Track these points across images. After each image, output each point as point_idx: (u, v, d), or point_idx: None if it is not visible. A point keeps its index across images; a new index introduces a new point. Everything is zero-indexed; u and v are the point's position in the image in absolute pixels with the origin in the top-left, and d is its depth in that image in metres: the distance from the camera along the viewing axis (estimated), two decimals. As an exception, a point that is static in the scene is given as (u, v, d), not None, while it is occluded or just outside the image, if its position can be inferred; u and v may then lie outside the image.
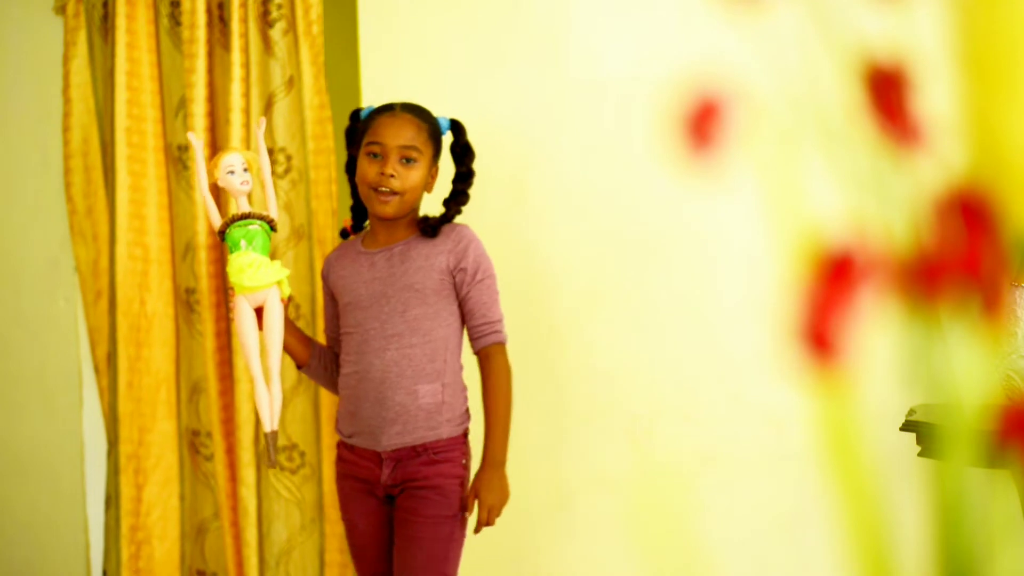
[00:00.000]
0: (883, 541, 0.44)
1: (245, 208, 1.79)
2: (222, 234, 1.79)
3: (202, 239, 2.55)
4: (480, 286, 1.87)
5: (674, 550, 1.88)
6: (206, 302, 2.56)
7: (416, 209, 1.93)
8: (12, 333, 2.92)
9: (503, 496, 1.85)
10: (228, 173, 1.78)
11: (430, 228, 1.89)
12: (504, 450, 1.87)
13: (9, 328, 2.93)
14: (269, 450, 1.78)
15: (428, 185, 1.93)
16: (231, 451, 2.58)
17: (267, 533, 2.54)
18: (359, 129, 1.94)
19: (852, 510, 0.43)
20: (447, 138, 1.99)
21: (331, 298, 1.99)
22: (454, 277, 1.87)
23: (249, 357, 1.77)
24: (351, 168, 1.97)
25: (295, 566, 2.55)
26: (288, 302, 1.82)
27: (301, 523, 2.55)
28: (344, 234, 2.03)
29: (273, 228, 1.81)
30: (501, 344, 1.89)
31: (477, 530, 1.86)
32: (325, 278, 2.00)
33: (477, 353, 1.90)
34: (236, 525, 2.58)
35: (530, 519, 2.34)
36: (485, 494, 1.84)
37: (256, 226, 1.78)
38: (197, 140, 1.83)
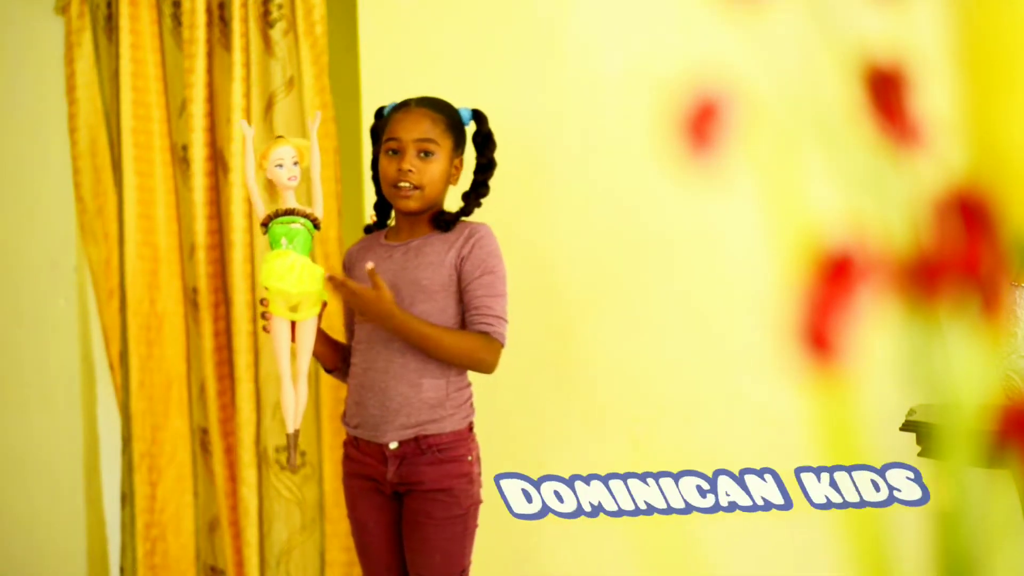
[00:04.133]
0: (883, 541, 0.44)
1: (291, 203, 1.75)
2: (265, 227, 1.76)
3: (201, 239, 2.55)
4: (480, 281, 1.85)
5: (674, 550, 1.88)
6: (204, 302, 2.56)
7: (440, 203, 1.93)
8: (12, 333, 2.92)
9: (368, 307, 1.75)
10: (276, 166, 1.74)
11: (444, 223, 1.89)
12: (397, 324, 1.77)
13: (9, 328, 2.93)
14: (290, 452, 1.78)
15: (453, 177, 1.92)
16: (230, 451, 2.59)
17: (268, 533, 2.54)
18: (379, 128, 1.94)
19: (852, 510, 0.43)
20: (471, 128, 1.98)
21: None
22: (459, 272, 1.86)
23: (280, 360, 1.76)
24: (376, 166, 1.97)
25: (295, 566, 2.55)
26: (323, 308, 1.79)
27: (302, 523, 2.55)
28: (368, 230, 2.03)
29: (317, 227, 1.77)
30: (489, 336, 1.83)
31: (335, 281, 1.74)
32: (346, 270, 2.00)
33: None
34: (236, 525, 2.58)
35: (529, 520, 2.34)
36: (367, 299, 1.74)
37: (299, 224, 1.73)
38: (248, 128, 1.78)
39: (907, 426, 1.66)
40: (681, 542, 1.85)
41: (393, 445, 1.85)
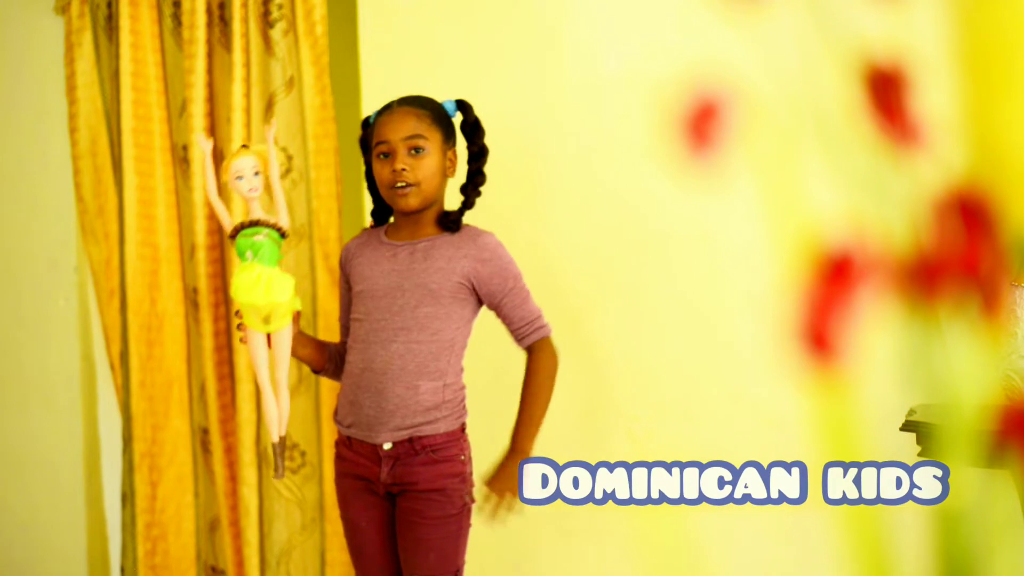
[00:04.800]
0: (883, 541, 0.44)
1: (256, 214, 1.74)
2: (233, 238, 1.76)
3: (201, 239, 2.55)
4: (513, 292, 1.90)
5: (674, 549, 1.88)
6: (204, 302, 2.56)
7: (441, 200, 1.93)
8: (12, 333, 2.93)
9: (516, 486, 1.85)
10: (236, 179, 1.74)
11: (452, 223, 1.90)
12: (532, 442, 1.89)
13: (9, 328, 2.93)
14: (277, 460, 1.78)
15: (448, 170, 1.93)
16: (230, 451, 2.59)
17: (268, 532, 2.54)
18: (368, 136, 1.95)
19: (852, 510, 0.43)
20: (458, 119, 1.98)
21: (347, 286, 1.99)
22: (478, 289, 1.88)
23: (258, 371, 1.76)
24: (370, 175, 1.97)
25: (296, 566, 2.55)
26: (298, 316, 1.80)
27: (302, 523, 2.55)
28: None
29: (283, 235, 1.76)
30: (545, 339, 1.93)
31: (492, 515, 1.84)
32: (343, 265, 2.00)
33: (526, 350, 1.93)
34: (236, 524, 2.59)
35: (530, 519, 2.34)
36: (501, 485, 1.84)
37: (263, 236, 1.73)
38: (206, 142, 1.78)
39: (907, 426, 1.66)
40: (679, 542, 1.85)
41: (387, 446, 1.86)
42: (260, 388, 1.77)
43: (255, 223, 1.74)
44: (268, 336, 1.76)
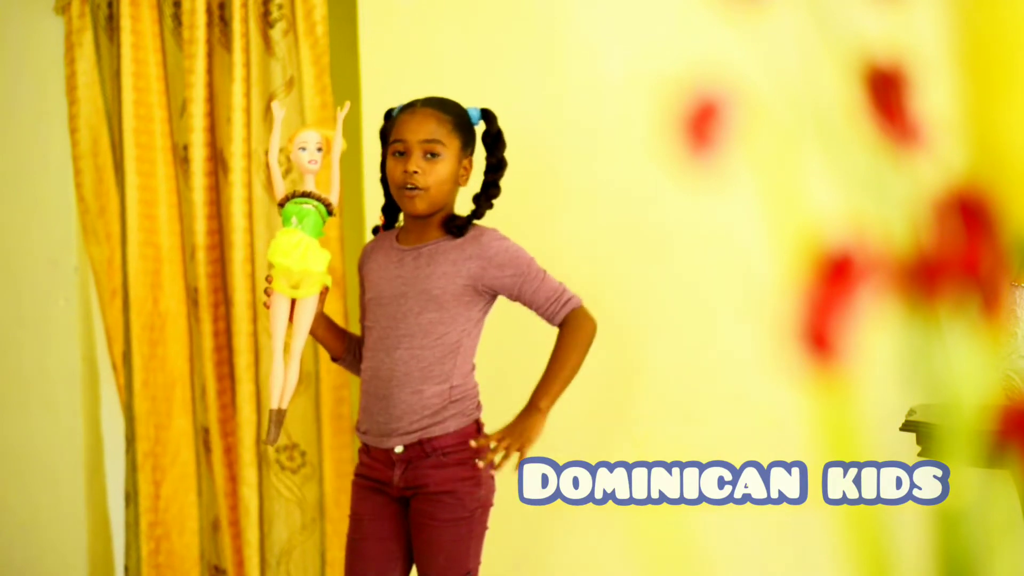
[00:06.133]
0: (883, 541, 0.44)
1: (309, 187, 1.81)
2: (281, 207, 1.82)
3: (201, 240, 2.55)
4: (527, 279, 1.87)
5: (674, 549, 1.88)
6: (204, 303, 2.56)
7: (450, 205, 1.92)
8: (12, 333, 2.93)
9: (528, 440, 1.82)
10: (300, 149, 1.80)
11: (456, 228, 1.88)
12: (550, 401, 1.85)
13: (9, 328, 2.93)
14: (271, 427, 1.80)
15: (462, 178, 1.90)
16: (230, 451, 2.59)
17: (268, 532, 2.54)
18: (387, 130, 1.93)
19: (852, 510, 0.43)
20: (480, 128, 1.96)
21: (363, 288, 1.99)
22: (493, 287, 1.87)
23: (275, 335, 1.80)
24: (385, 168, 1.96)
25: (296, 566, 2.55)
26: (325, 292, 1.83)
27: (302, 523, 2.55)
28: (376, 231, 2.03)
29: (331, 212, 1.82)
30: (576, 308, 1.89)
31: (491, 465, 1.81)
32: (359, 268, 2.00)
33: (559, 327, 1.91)
34: (236, 524, 2.58)
35: (530, 519, 2.35)
36: (510, 438, 1.81)
37: (311, 206, 1.79)
38: (280, 109, 1.85)
39: (907, 426, 1.66)
40: (679, 542, 1.85)
41: (398, 449, 1.86)
42: (272, 353, 1.80)
43: (306, 194, 1.80)
44: (292, 304, 1.79)
